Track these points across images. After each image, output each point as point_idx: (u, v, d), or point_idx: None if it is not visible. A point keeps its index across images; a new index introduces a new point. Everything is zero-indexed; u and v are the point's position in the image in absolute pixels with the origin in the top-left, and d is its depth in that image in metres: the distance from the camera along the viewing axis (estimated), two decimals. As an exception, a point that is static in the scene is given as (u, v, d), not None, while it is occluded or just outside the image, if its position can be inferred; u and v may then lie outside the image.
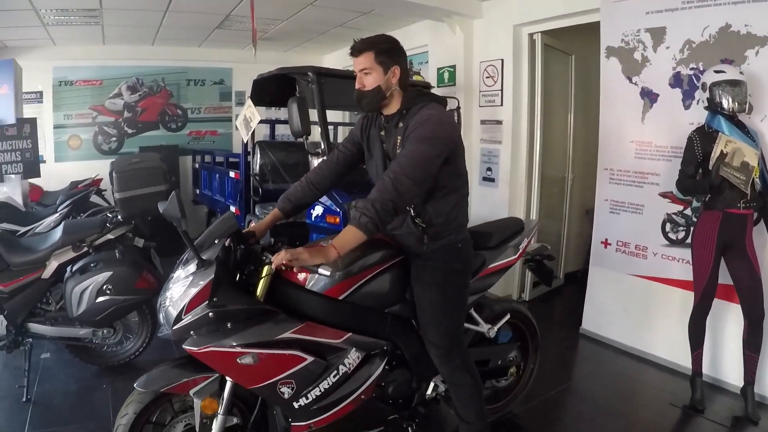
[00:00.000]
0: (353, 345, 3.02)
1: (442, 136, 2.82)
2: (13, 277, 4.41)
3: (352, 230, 2.64)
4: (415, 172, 2.70)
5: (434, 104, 2.98)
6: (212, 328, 2.67)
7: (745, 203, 4.12)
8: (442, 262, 3.09)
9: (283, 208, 3.31)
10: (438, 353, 3.15)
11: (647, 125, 5.27)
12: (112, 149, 9.93)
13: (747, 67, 4.46)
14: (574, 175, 7.60)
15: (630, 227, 5.52)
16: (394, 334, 3.21)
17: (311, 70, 5.36)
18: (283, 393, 2.80)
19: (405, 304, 3.25)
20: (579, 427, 4.35)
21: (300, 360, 2.81)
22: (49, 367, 5.00)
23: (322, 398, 2.92)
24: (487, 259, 3.64)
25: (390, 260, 3.18)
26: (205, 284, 2.61)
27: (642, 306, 5.47)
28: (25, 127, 6.77)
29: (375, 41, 2.95)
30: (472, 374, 3.25)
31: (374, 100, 2.96)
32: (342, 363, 2.97)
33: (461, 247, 3.16)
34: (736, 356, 4.48)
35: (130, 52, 9.61)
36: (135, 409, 2.78)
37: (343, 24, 8.27)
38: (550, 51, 6.93)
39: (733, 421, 4.28)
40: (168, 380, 2.74)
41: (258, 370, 2.72)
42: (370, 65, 2.90)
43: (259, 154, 6.71)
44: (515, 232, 3.91)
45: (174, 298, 2.70)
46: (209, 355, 2.65)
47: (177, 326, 2.64)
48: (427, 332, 3.16)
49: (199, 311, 2.61)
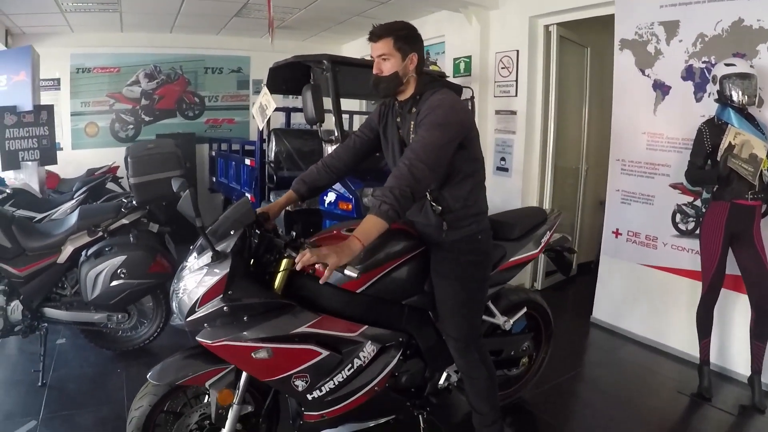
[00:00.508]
0: (369, 338, 3.02)
1: (453, 122, 2.83)
2: (29, 261, 4.44)
3: (373, 219, 2.62)
4: (430, 158, 2.71)
5: (446, 90, 2.99)
6: (227, 321, 2.67)
7: (753, 195, 4.15)
8: (462, 254, 3.09)
9: (297, 190, 3.30)
10: (457, 346, 3.17)
11: (659, 117, 5.29)
12: (129, 137, 9.92)
13: (759, 61, 4.47)
14: (588, 167, 7.61)
15: (641, 218, 5.54)
16: (411, 325, 3.22)
17: (326, 58, 5.41)
18: (297, 386, 2.83)
19: (423, 296, 3.25)
20: (587, 413, 4.40)
21: (315, 354, 2.82)
22: (64, 352, 5.04)
23: (335, 390, 2.95)
24: (508, 251, 3.61)
25: (410, 252, 3.17)
26: (220, 277, 2.61)
27: (652, 295, 5.51)
28: (42, 114, 6.81)
29: (394, 27, 2.95)
30: (488, 368, 3.26)
31: (391, 86, 2.97)
32: (357, 356, 2.98)
33: (482, 239, 3.15)
34: (743, 346, 4.52)
35: (147, 40, 9.59)
36: (150, 401, 2.80)
37: (361, 13, 8.26)
38: (565, 43, 6.94)
39: (740, 409, 4.32)
40: (183, 373, 2.75)
41: (273, 364, 2.74)
42: (389, 51, 2.90)
43: (274, 142, 6.72)
44: (538, 224, 3.88)
45: (188, 289, 2.69)
46: (224, 348, 2.66)
47: (191, 318, 2.64)
48: (446, 325, 3.17)
49: (213, 304, 2.61)
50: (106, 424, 3.86)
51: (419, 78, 3.03)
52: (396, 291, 3.16)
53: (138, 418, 2.79)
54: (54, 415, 3.98)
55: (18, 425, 3.81)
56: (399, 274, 3.13)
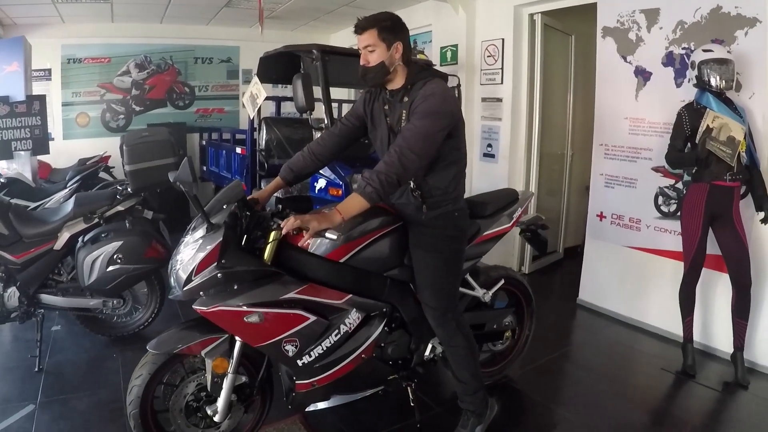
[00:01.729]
0: (354, 306, 3.15)
1: (445, 111, 2.95)
2: (26, 248, 4.50)
3: (357, 198, 2.82)
4: (420, 146, 2.85)
5: (437, 79, 3.10)
6: (220, 289, 2.82)
7: (732, 176, 4.27)
8: (439, 229, 3.22)
9: (284, 177, 3.45)
10: (434, 314, 3.28)
11: (641, 102, 5.41)
12: (120, 126, 9.93)
13: (736, 47, 4.59)
14: (573, 152, 7.73)
15: (624, 201, 5.66)
16: (393, 296, 3.34)
17: (316, 48, 5.49)
18: (287, 351, 2.95)
19: (403, 269, 3.37)
20: (574, 391, 4.51)
21: (303, 319, 2.95)
22: (60, 339, 5.11)
23: (324, 356, 3.07)
24: (482, 226, 3.75)
25: (389, 226, 3.29)
26: (214, 246, 2.75)
27: (636, 276, 5.63)
28: (34, 104, 6.83)
29: (378, 18, 3.04)
30: (466, 336, 3.38)
31: (378, 76, 3.06)
32: (343, 323, 3.11)
33: (458, 215, 3.28)
34: (725, 323, 4.63)
35: (138, 30, 9.58)
36: (149, 369, 2.93)
37: (349, 3, 8.30)
38: (550, 31, 7.03)
39: (724, 385, 4.43)
40: (181, 341, 2.89)
41: (264, 329, 2.87)
42: (374, 42, 3.00)
43: (265, 130, 6.72)
44: (510, 202, 4.02)
45: (184, 261, 2.84)
46: (218, 314, 2.80)
47: (187, 287, 2.78)
48: (424, 294, 3.29)
49: (208, 272, 2.76)
50: (103, 407, 3.94)
51: (409, 68, 3.13)
52: (376, 263, 3.29)
53: (138, 386, 2.92)
54: (51, 400, 4.05)
55: (16, 409, 3.87)
56: (379, 246, 3.26)
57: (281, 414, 3.64)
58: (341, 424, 3.84)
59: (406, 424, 3.73)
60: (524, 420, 4.01)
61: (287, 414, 3.71)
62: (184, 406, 3.08)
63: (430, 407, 3.99)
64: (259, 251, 2.98)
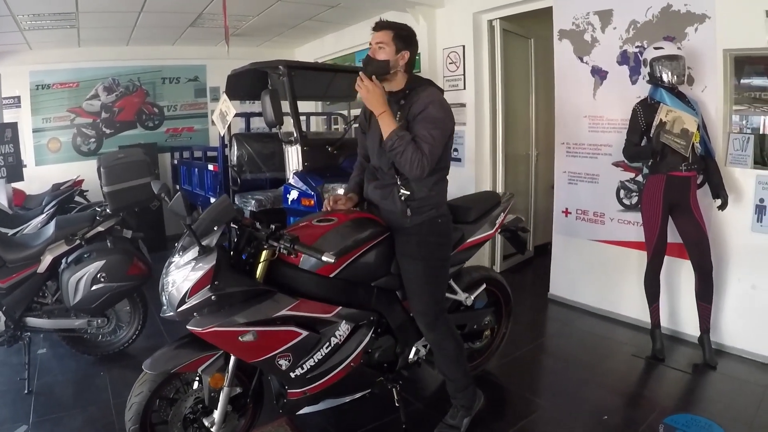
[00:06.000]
0: (343, 318, 3.26)
1: (448, 120, 3.20)
2: (10, 273, 4.52)
3: (393, 125, 3.11)
4: (433, 158, 3.08)
5: (434, 89, 3.29)
6: (214, 309, 2.89)
7: (687, 166, 4.46)
8: (424, 236, 3.34)
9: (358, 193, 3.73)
10: (425, 321, 3.42)
11: (598, 101, 5.59)
12: (91, 150, 9.90)
13: (687, 42, 4.79)
14: (538, 152, 7.90)
15: (588, 196, 5.83)
16: (380, 305, 3.46)
17: (282, 64, 5.63)
18: (281, 365, 3.06)
19: (390, 277, 3.50)
20: (549, 380, 4.69)
21: (296, 335, 3.05)
22: (46, 361, 5.11)
23: (316, 368, 3.18)
24: (465, 233, 3.89)
25: (377, 237, 3.40)
26: (207, 270, 2.82)
27: (603, 268, 5.80)
28: (6, 131, 6.88)
29: (397, 25, 3.27)
30: (455, 338, 3.54)
31: (378, 69, 3.20)
32: (333, 335, 3.22)
33: (441, 222, 3.40)
34: (691, 308, 4.79)
35: (105, 53, 9.58)
36: (150, 387, 2.99)
37: (312, 17, 8.41)
38: (509, 36, 7.19)
39: (693, 367, 4.61)
40: (177, 360, 2.96)
41: (258, 346, 2.96)
42: (387, 41, 3.19)
43: (236, 146, 6.86)
44: (492, 207, 4.15)
45: (177, 283, 2.89)
46: (213, 334, 2.86)
47: (181, 309, 2.85)
48: (414, 302, 3.42)
49: (201, 295, 2.82)
50: (95, 423, 3.98)
51: (409, 75, 3.32)
52: (365, 274, 3.40)
53: (138, 403, 2.98)
54: (44, 419, 4.08)
55: (10, 430, 3.91)
56: (367, 258, 3.36)
57: (268, 416, 3.71)
58: (326, 423, 3.94)
59: (390, 419, 3.85)
60: (502, 410, 4.11)
61: (274, 416, 3.80)
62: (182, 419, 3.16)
63: (411, 403, 4.08)
64: (250, 267, 3.08)
